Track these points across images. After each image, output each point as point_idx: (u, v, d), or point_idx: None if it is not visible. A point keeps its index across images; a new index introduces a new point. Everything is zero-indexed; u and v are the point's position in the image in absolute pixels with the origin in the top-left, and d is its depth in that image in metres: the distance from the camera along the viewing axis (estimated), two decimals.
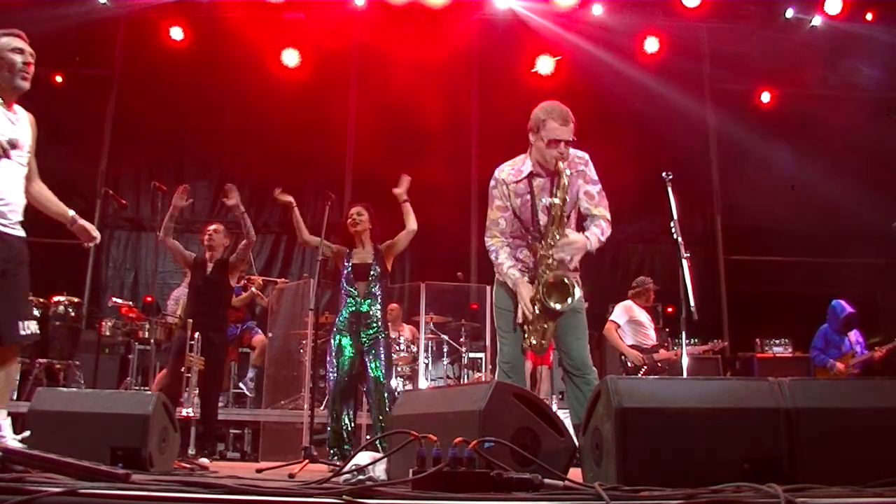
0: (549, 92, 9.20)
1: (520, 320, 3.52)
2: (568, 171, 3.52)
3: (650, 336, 6.79)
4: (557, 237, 3.47)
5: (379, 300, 5.02)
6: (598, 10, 9.43)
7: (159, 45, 9.53)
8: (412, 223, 5.07)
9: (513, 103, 9.22)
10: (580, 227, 3.72)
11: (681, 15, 9.44)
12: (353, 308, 4.97)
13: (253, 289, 7.52)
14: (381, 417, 4.76)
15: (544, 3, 9.37)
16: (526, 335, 3.52)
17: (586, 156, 3.70)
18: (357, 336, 4.94)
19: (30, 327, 3.30)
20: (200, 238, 6.00)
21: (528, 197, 3.61)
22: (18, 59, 3.28)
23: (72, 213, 3.57)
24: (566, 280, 3.43)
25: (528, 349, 3.53)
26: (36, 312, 7.00)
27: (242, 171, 10.07)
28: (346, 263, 5.09)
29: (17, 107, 3.39)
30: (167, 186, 6.01)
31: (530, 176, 3.63)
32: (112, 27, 9.74)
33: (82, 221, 3.57)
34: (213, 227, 5.87)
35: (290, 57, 9.62)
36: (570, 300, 3.41)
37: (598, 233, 3.60)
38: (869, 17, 9.16)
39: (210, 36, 9.42)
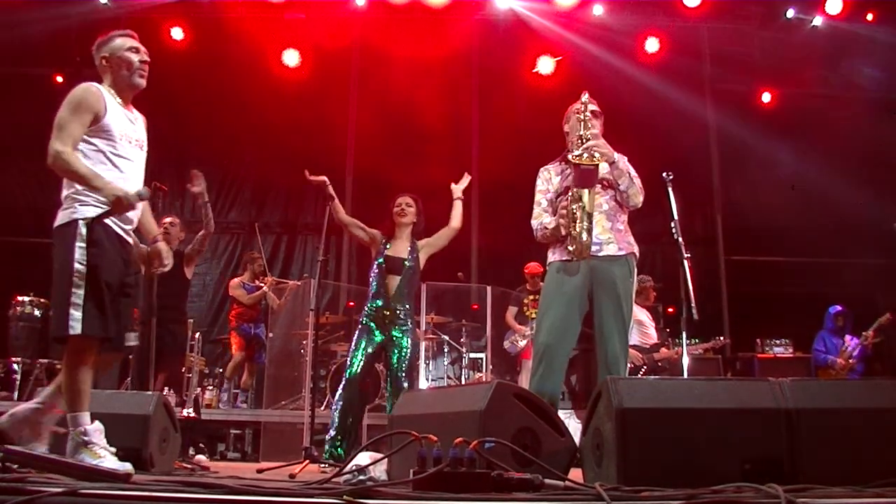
0: (550, 92, 9.26)
1: (562, 224, 3.61)
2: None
3: (651, 335, 6.79)
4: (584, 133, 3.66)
5: (408, 299, 4.86)
6: (598, 10, 9.43)
7: (160, 45, 9.53)
8: (456, 221, 4.96)
9: (513, 103, 9.26)
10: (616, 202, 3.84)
11: (681, 15, 9.43)
12: (382, 303, 4.79)
13: (266, 288, 7.55)
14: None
15: (545, 3, 9.37)
16: (569, 243, 3.57)
17: (623, 156, 3.89)
18: (384, 333, 4.77)
19: (132, 339, 3.28)
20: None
21: (569, 171, 3.78)
22: (135, 57, 3.34)
23: (159, 231, 3.46)
24: (593, 155, 3.56)
25: (573, 251, 3.55)
26: (37, 313, 7.08)
27: (243, 171, 10.09)
28: (379, 255, 4.90)
29: (133, 108, 3.38)
30: (168, 187, 6.00)
31: (565, 157, 3.88)
32: (113, 27, 9.71)
33: (162, 245, 3.38)
34: (168, 219, 5.82)
35: (291, 57, 9.62)
36: (597, 158, 3.56)
37: (630, 167, 3.78)
38: (870, 17, 9.15)
39: (211, 36, 9.43)
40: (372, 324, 4.81)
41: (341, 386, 4.74)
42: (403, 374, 4.74)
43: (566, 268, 3.65)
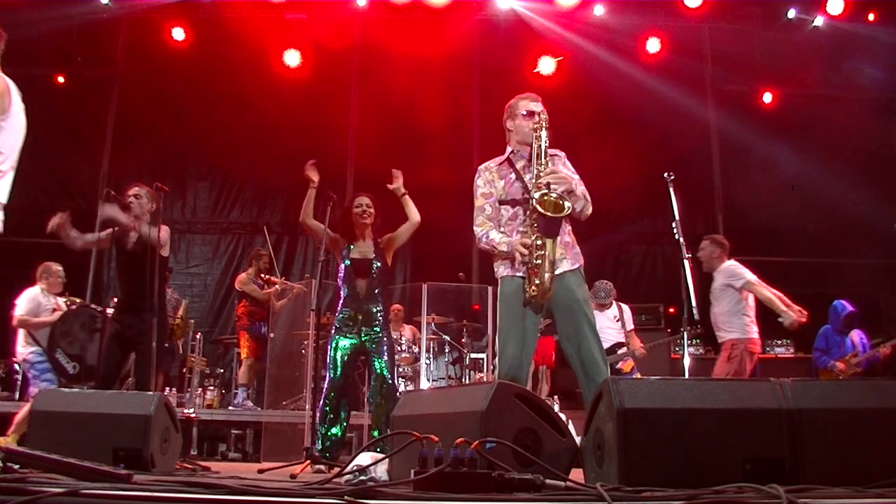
0: (551, 92, 9.19)
1: (518, 262, 3.52)
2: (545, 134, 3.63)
3: (609, 337, 6.70)
4: (543, 168, 3.53)
5: (380, 298, 4.81)
6: (599, 10, 9.44)
7: (161, 45, 9.55)
8: (415, 215, 4.88)
9: None
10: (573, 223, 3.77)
11: (682, 15, 9.45)
12: (354, 307, 4.75)
13: (277, 287, 7.53)
14: (384, 418, 4.54)
15: (546, 3, 9.38)
16: (527, 285, 3.48)
17: (561, 152, 3.79)
18: (359, 336, 4.73)
19: None
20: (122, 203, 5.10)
21: (513, 176, 3.73)
22: None
23: None
24: (559, 200, 3.43)
25: (534, 296, 3.46)
26: None
27: (244, 172, 10.10)
28: (343, 258, 4.86)
29: None
30: (169, 187, 5.93)
31: (511, 156, 3.78)
32: (114, 27, 9.76)
33: None
34: (133, 190, 5.15)
35: (292, 57, 9.64)
36: (565, 209, 3.42)
37: (573, 174, 3.66)
38: (871, 17, 9.16)
39: (212, 36, 9.44)
40: (346, 328, 4.76)
41: (324, 393, 4.67)
42: (389, 375, 4.70)
43: (523, 287, 3.56)
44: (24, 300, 6.52)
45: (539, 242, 3.46)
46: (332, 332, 4.83)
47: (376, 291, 4.82)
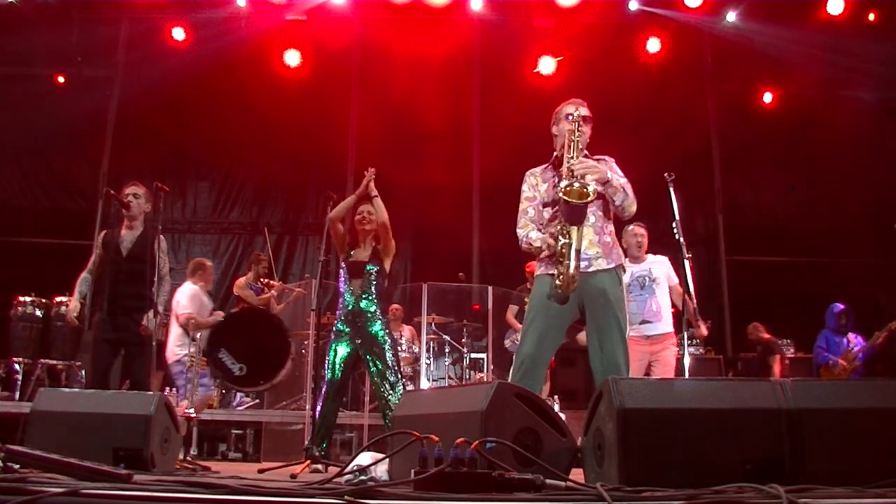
0: (551, 92, 9.26)
1: (547, 254, 3.58)
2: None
3: None
4: (575, 160, 3.54)
5: (375, 300, 4.85)
6: (599, 9, 9.43)
7: (161, 45, 9.55)
8: (381, 216, 4.86)
9: (514, 103, 9.26)
10: (615, 220, 3.81)
11: (682, 15, 9.44)
12: (351, 307, 4.83)
13: (274, 292, 7.52)
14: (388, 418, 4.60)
15: (546, 3, 9.37)
16: (555, 276, 3.51)
17: (610, 158, 3.84)
18: (356, 336, 4.79)
19: None
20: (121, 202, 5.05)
21: (556, 179, 3.72)
22: None
23: None
24: (583, 188, 3.43)
25: (559, 286, 3.47)
26: (38, 313, 7.08)
27: (244, 172, 10.10)
28: (343, 261, 4.95)
29: None
30: (169, 187, 5.92)
31: (555, 161, 3.80)
32: (114, 27, 9.75)
33: None
34: (131, 189, 5.06)
35: (292, 57, 9.64)
36: (590, 196, 3.42)
37: (620, 176, 3.68)
38: (871, 17, 9.16)
39: (212, 36, 9.44)
40: (345, 328, 4.82)
41: (323, 392, 4.71)
42: (394, 370, 4.75)
43: (550, 283, 3.59)
44: (186, 298, 6.08)
45: (564, 231, 3.47)
46: (332, 334, 4.88)
47: (371, 293, 4.85)
